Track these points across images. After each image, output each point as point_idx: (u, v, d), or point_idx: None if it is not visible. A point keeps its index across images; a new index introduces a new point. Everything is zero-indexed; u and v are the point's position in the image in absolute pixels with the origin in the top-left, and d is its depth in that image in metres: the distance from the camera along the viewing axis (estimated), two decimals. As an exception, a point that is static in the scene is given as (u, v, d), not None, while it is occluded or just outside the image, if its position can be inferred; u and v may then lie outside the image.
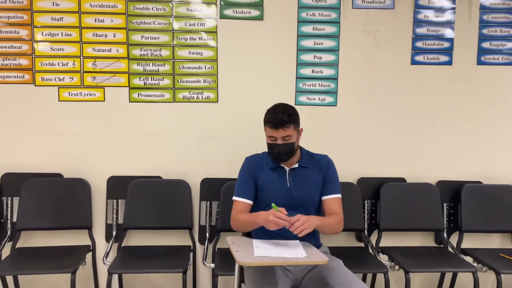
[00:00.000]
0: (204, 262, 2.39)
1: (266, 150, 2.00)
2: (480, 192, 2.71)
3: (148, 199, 2.55)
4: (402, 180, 2.74)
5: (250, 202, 1.95)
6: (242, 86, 2.65)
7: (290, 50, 2.65)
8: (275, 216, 1.67)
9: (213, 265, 2.29)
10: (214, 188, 2.58)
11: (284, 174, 1.98)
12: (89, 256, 2.48)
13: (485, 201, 2.69)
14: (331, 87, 2.69)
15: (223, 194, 2.51)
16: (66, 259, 2.28)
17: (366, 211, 2.72)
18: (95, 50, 2.57)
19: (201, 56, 2.62)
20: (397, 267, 2.38)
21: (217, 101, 2.65)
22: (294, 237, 1.70)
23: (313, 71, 2.68)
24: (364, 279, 2.70)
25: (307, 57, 2.67)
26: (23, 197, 2.46)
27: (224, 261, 2.28)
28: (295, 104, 2.67)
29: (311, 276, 1.81)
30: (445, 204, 2.74)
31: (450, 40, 2.71)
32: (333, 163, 2.05)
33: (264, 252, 1.65)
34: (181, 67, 2.61)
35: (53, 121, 2.58)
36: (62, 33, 2.55)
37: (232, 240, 1.79)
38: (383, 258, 2.53)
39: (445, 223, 2.73)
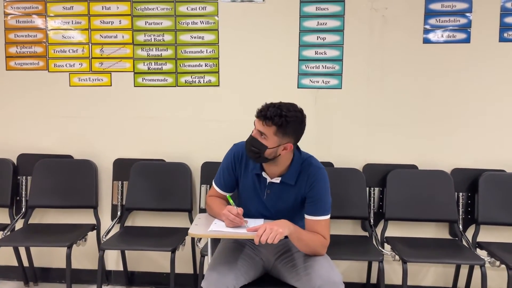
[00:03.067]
0: (197, 244, 2.40)
1: None
2: (500, 181, 2.48)
3: (150, 181, 2.61)
4: (413, 167, 2.57)
5: (224, 193, 1.85)
6: (243, 69, 2.62)
7: (292, 32, 2.58)
8: (230, 212, 1.60)
9: (202, 245, 2.29)
10: (214, 172, 2.51)
11: (264, 183, 1.76)
12: (93, 234, 2.59)
13: (506, 191, 2.46)
14: (336, 69, 2.58)
15: (221, 177, 2.50)
16: (67, 235, 2.39)
17: (372, 199, 2.58)
18: (102, 37, 2.67)
19: (202, 40, 2.63)
20: (397, 256, 2.24)
21: (219, 85, 2.64)
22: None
23: (316, 53, 2.58)
24: (369, 270, 2.58)
25: (310, 38, 2.58)
26: (35, 176, 2.62)
27: (216, 242, 2.27)
28: (298, 87, 2.60)
29: (283, 258, 1.74)
30: (461, 194, 2.53)
31: (468, 16, 2.49)
32: (322, 180, 1.70)
33: (218, 227, 1.62)
34: (183, 52, 2.64)
35: (64, 105, 2.71)
36: (72, 21, 2.67)
37: (200, 216, 1.78)
38: (387, 248, 2.40)
39: (460, 214, 2.53)
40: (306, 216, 1.70)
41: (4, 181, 2.62)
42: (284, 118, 1.59)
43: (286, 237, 1.57)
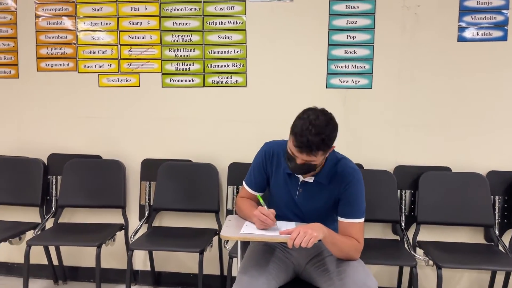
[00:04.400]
0: (225, 245, 2.39)
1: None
2: (540, 184, 2.38)
3: (177, 182, 2.61)
4: (447, 169, 2.49)
5: (255, 193, 1.82)
6: (270, 69, 2.59)
7: (321, 31, 2.54)
8: (262, 213, 1.57)
9: (230, 247, 2.27)
10: (241, 173, 2.51)
11: (296, 183, 1.71)
12: (122, 234, 2.61)
13: (546, 195, 2.36)
14: (366, 69, 2.53)
15: (248, 178, 2.48)
16: (96, 235, 2.40)
17: (403, 202, 2.51)
18: (131, 38, 2.69)
19: (230, 40, 2.61)
20: (431, 262, 2.17)
21: (246, 85, 2.62)
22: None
23: (346, 52, 2.53)
24: (400, 275, 2.51)
25: (340, 37, 2.53)
26: (65, 176, 2.66)
27: (245, 244, 2.25)
28: (326, 87, 2.56)
29: (314, 262, 1.71)
30: (497, 198, 2.44)
31: (504, 13, 2.40)
32: (358, 182, 1.64)
33: (250, 230, 1.59)
34: (210, 52, 2.63)
35: (93, 106, 2.74)
36: (101, 22, 2.70)
37: (230, 218, 1.76)
38: (419, 252, 2.33)
39: (497, 218, 2.43)
40: (340, 219, 1.66)
41: (35, 181, 2.66)
42: (326, 138, 1.51)
43: (318, 240, 1.53)
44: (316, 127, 1.48)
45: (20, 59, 2.77)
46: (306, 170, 1.61)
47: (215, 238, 2.52)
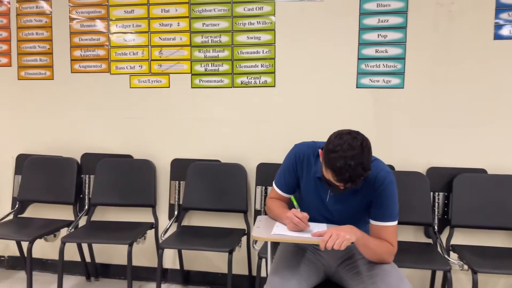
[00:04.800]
0: (254, 245, 2.39)
1: (317, 140, 1.80)
2: None
3: (206, 181, 2.62)
4: (482, 171, 2.41)
5: (285, 195, 1.81)
6: (299, 69, 2.58)
7: (351, 30, 2.50)
8: (295, 216, 1.56)
9: (259, 247, 2.27)
10: (270, 173, 2.53)
11: (326, 186, 1.67)
12: (152, 232, 2.65)
13: None
14: (397, 68, 2.48)
15: (277, 179, 2.47)
16: (128, 233, 2.45)
17: (436, 204, 2.45)
18: (161, 39, 2.72)
19: (259, 41, 2.61)
20: (465, 266, 2.11)
21: (274, 86, 2.62)
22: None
23: (377, 51, 2.49)
24: (432, 279, 2.44)
25: (370, 36, 2.49)
26: (97, 175, 2.72)
27: (275, 245, 2.24)
28: (356, 87, 2.52)
29: (346, 264, 1.68)
30: (536, 201, 2.35)
31: (545, 9, 2.31)
32: (390, 185, 1.60)
33: (281, 231, 1.58)
34: (239, 52, 2.64)
35: (125, 107, 2.79)
36: (133, 24, 2.75)
37: (260, 219, 1.75)
38: (453, 256, 2.27)
39: (536, 223, 2.34)
40: (372, 222, 1.63)
41: (69, 180, 2.73)
42: (367, 166, 1.47)
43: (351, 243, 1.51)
44: (354, 160, 1.43)
45: (55, 61, 2.85)
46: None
47: (244, 238, 2.52)
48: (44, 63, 2.86)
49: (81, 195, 2.79)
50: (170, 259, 2.81)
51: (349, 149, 1.44)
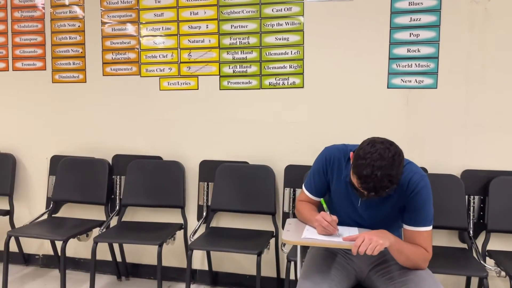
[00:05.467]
0: (282, 248, 2.37)
1: (348, 143, 1.76)
2: None
3: (234, 183, 2.63)
4: (520, 174, 2.33)
5: (314, 198, 1.79)
6: (329, 70, 2.54)
7: (382, 29, 2.45)
8: (324, 219, 1.54)
9: (288, 250, 2.25)
10: (298, 175, 2.53)
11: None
12: (181, 233, 2.67)
13: None
14: (430, 67, 2.41)
15: (306, 181, 2.45)
16: (157, 234, 2.48)
17: (472, 208, 2.37)
18: (190, 42, 2.75)
19: (287, 42, 2.59)
20: (503, 273, 2.03)
21: (303, 87, 2.59)
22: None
23: (408, 50, 2.43)
24: (467, 285, 2.36)
25: (402, 35, 2.44)
26: (128, 176, 2.77)
27: (305, 248, 2.23)
28: (387, 87, 2.47)
29: (378, 269, 1.64)
30: None
31: None
32: (425, 189, 1.54)
33: (311, 235, 1.56)
34: (267, 54, 2.63)
35: (155, 109, 2.83)
36: (162, 27, 2.78)
37: (290, 222, 1.74)
38: (489, 262, 2.19)
39: None
40: (406, 227, 1.59)
41: (100, 180, 2.79)
42: (395, 180, 1.42)
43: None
44: (381, 170, 1.39)
45: (88, 64, 2.92)
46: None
47: (272, 240, 2.51)
48: (77, 67, 2.94)
49: (112, 196, 2.85)
50: (199, 260, 2.83)
51: (379, 159, 1.41)
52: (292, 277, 2.19)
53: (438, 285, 1.48)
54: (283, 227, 2.59)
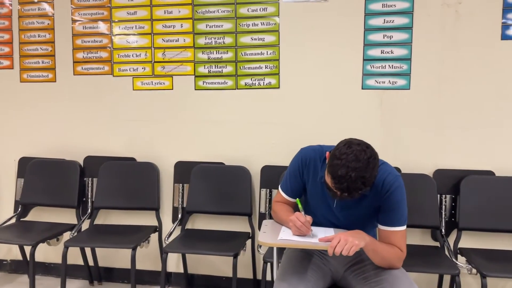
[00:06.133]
0: (259, 249, 2.36)
1: (323, 143, 1.76)
2: None
3: (210, 184, 2.60)
4: (490, 173, 2.38)
5: (291, 199, 1.78)
6: (304, 71, 2.55)
7: (356, 31, 2.47)
8: (298, 219, 1.53)
9: (264, 251, 2.24)
10: (274, 176, 2.52)
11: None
12: (155, 236, 2.62)
13: None
14: (404, 69, 2.45)
15: (282, 181, 2.45)
16: (131, 237, 2.43)
17: (444, 207, 2.42)
18: (164, 41, 2.70)
19: (263, 42, 2.58)
20: (474, 270, 2.07)
21: (279, 87, 2.59)
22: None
23: (382, 52, 2.46)
24: (440, 283, 2.41)
25: (376, 36, 2.46)
26: (100, 178, 2.70)
27: (281, 249, 2.22)
28: (362, 88, 2.49)
29: (354, 269, 1.65)
30: (545, 204, 2.32)
31: (553, 8, 2.28)
32: (399, 189, 1.56)
33: (288, 236, 1.55)
34: (243, 54, 2.61)
35: (128, 109, 2.77)
36: (136, 26, 2.72)
37: (266, 223, 1.73)
38: (461, 260, 2.24)
39: (544, 225, 2.31)
40: (380, 227, 1.60)
41: (71, 183, 2.71)
42: (368, 182, 1.43)
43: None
44: (355, 172, 1.39)
45: (58, 63, 2.83)
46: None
47: (248, 242, 2.49)
48: (47, 65, 2.84)
49: (84, 199, 2.77)
50: (174, 263, 2.78)
51: (355, 160, 1.41)
52: (268, 278, 2.18)
53: (412, 284, 1.50)
54: (259, 228, 2.58)
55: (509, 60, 2.33)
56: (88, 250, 2.74)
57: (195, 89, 2.69)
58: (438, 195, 2.40)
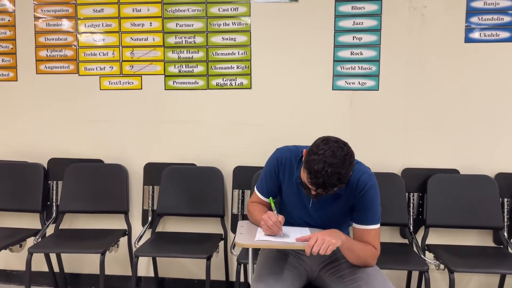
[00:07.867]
0: (232, 250, 2.34)
1: (298, 144, 1.76)
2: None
3: (181, 186, 2.55)
4: (455, 171, 2.47)
5: (266, 200, 1.77)
6: (276, 71, 2.55)
7: (326, 32, 2.50)
8: (269, 219, 1.52)
9: (238, 253, 2.22)
10: (247, 176, 2.51)
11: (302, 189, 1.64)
12: (124, 240, 2.55)
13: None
14: (372, 70, 2.50)
15: (254, 182, 2.43)
16: (99, 241, 2.35)
17: (411, 205, 2.49)
18: (133, 39, 2.63)
19: (234, 42, 2.57)
20: (442, 266, 2.14)
21: (251, 88, 2.58)
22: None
23: (352, 53, 2.50)
24: (408, 279, 2.48)
25: (346, 38, 2.50)
26: (66, 181, 2.60)
27: (256, 250, 2.20)
28: (333, 89, 2.52)
29: (328, 268, 1.67)
30: (506, 200, 2.42)
31: (511, 14, 2.39)
32: (373, 188, 1.58)
33: (264, 237, 1.55)
34: (214, 54, 2.58)
35: (95, 109, 2.68)
36: (102, 23, 2.64)
37: (242, 224, 1.71)
38: (429, 256, 2.30)
39: (505, 220, 2.41)
40: (355, 225, 1.62)
41: (35, 186, 2.60)
42: (343, 178, 1.44)
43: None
44: (332, 167, 1.40)
45: (19, 61, 2.70)
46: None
47: (221, 243, 2.47)
48: (7, 64, 2.71)
49: (49, 202, 2.66)
50: (144, 267, 2.72)
51: (332, 156, 1.42)
52: (242, 279, 2.17)
53: (387, 281, 1.52)
54: (232, 230, 2.57)
55: (473, 63, 2.43)
56: (53, 256, 2.63)
57: (165, 89, 2.63)
58: (406, 194, 2.46)
